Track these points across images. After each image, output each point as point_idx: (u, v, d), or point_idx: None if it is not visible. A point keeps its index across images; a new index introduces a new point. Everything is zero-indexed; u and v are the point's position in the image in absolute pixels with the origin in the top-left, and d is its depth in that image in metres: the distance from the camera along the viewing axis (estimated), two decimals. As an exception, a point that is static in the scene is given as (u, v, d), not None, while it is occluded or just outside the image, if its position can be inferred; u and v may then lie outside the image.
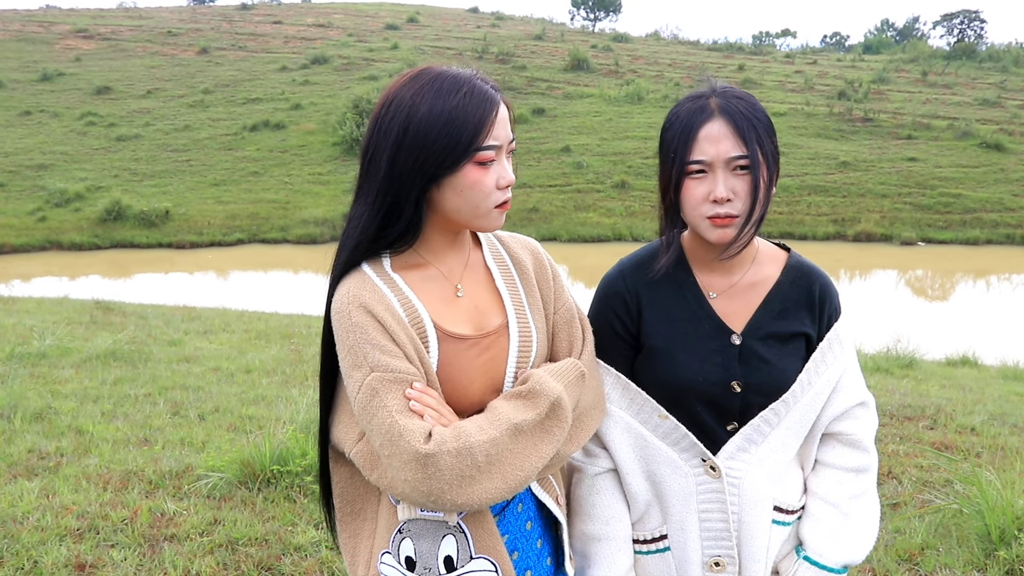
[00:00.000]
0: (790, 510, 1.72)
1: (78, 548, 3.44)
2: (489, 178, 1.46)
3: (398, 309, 1.48)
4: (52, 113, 30.83)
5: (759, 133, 1.57)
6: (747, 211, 1.57)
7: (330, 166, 25.83)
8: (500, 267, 1.64)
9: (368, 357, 1.42)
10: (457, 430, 1.39)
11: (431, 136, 1.42)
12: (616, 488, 1.75)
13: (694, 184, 1.59)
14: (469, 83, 1.45)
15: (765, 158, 1.57)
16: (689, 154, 1.57)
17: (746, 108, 1.58)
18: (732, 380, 1.65)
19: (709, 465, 1.67)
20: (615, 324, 1.74)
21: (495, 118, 1.45)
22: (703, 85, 1.68)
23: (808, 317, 1.70)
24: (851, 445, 1.72)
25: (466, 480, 1.36)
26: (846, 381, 1.71)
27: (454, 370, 1.50)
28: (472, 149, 1.43)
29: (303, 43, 40.29)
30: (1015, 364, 9.15)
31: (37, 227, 21.52)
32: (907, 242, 21.38)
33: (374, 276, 1.51)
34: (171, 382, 6.40)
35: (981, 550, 3.51)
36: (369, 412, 1.41)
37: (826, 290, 1.72)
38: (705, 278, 1.71)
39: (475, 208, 1.48)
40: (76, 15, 47.75)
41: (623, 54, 39.33)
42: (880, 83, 34.77)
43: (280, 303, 13.06)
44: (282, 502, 3.94)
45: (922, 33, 70.06)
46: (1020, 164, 25.45)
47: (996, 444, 5.17)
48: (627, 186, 24.04)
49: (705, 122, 1.57)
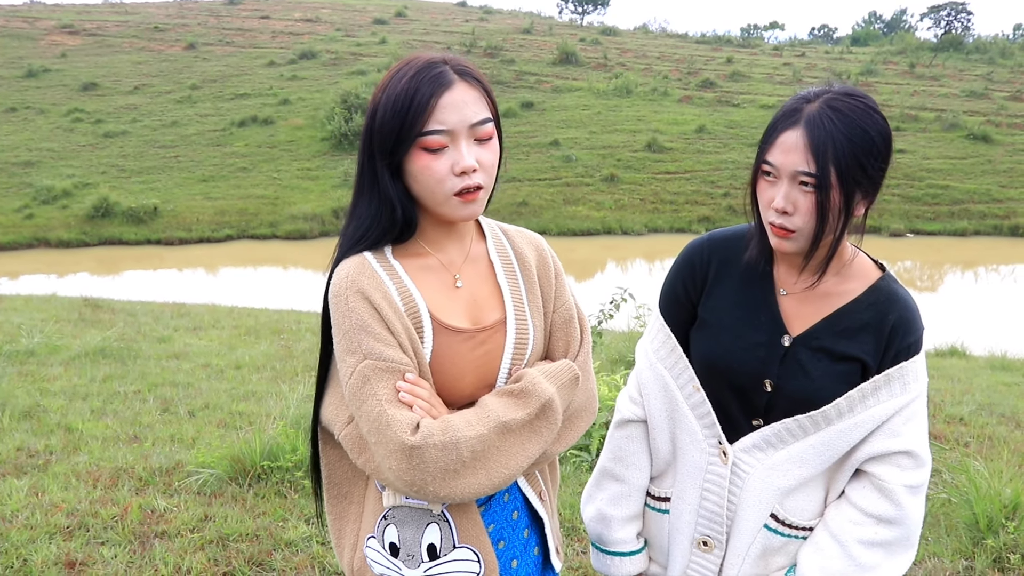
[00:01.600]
0: (796, 525, 1.67)
1: (68, 546, 3.43)
2: (440, 164, 1.42)
3: (395, 297, 1.47)
4: (38, 110, 30.58)
5: (840, 153, 1.46)
6: (811, 229, 1.52)
7: (319, 161, 25.72)
8: (503, 261, 1.63)
9: (362, 344, 1.42)
10: (445, 424, 1.39)
11: (384, 121, 1.43)
12: (647, 439, 1.81)
13: (765, 186, 1.57)
14: (424, 67, 1.43)
15: (842, 181, 1.47)
16: (765, 154, 1.55)
17: (840, 123, 1.47)
18: (766, 378, 1.64)
19: (722, 450, 1.68)
20: (679, 289, 1.77)
21: (438, 102, 1.41)
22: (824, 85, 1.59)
23: (871, 344, 1.60)
24: (880, 492, 1.59)
25: (450, 474, 1.37)
26: (898, 424, 1.58)
27: (446, 362, 1.49)
28: (415, 133, 1.41)
29: (291, 38, 40.09)
30: (1003, 354, 9.21)
31: (24, 224, 21.36)
32: (896, 233, 21.45)
33: (374, 262, 1.50)
34: (161, 379, 6.38)
35: (969, 538, 3.53)
36: (359, 399, 1.42)
37: (903, 323, 1.60)
38: (783, 274, 1.68)
39: (431, 195, 1.45)
40: (61, 10, 47.35)
41: (611, 47, 39.30)
42: (868, 75, 34.85)
43: (270, 299, 13.03)
44: (273, 498, 3.94)
45: (909, 25, 70.33)
46: (1007, 155, 25.57)
47: (984, 434, 5.21)
48: (616, 179, 24.03)
49: (788, 128, 1.51)
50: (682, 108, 30.06)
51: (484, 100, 1.47)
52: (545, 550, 1.71)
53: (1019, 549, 3.38)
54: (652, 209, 22.73)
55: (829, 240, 1.54)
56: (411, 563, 1.53)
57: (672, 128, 27.59)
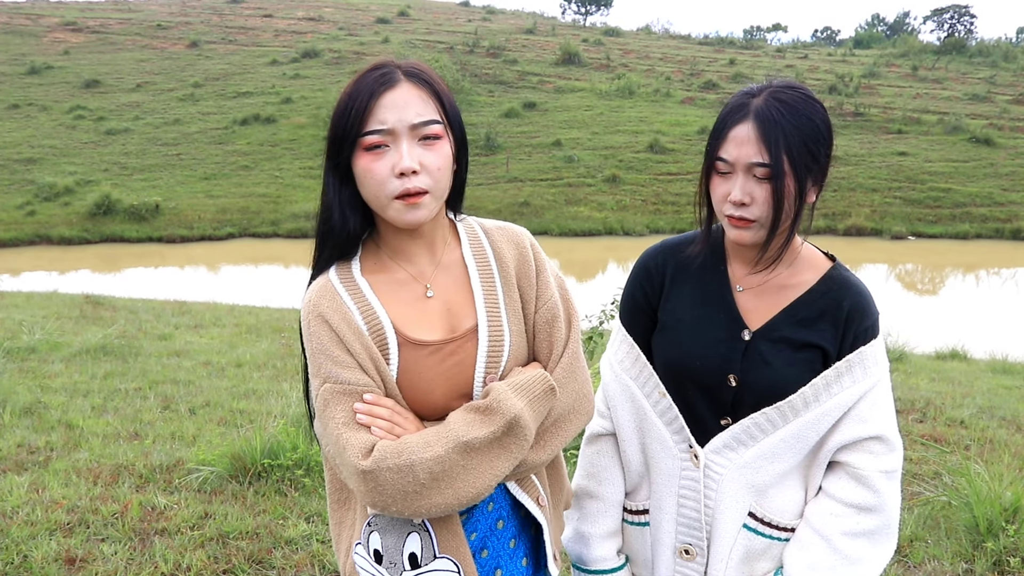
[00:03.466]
0: (777, 525, 1.66)
1: (68, 542, 3.43)
2: (380, 165, 1.40)
3: (357, 318, 1.46)
4: (41, 107, 30.64)
5: (791, 142, 1.51)
6: (768, 218, 1.55)
7: (321, 160, 25.53)
8: (480, 264, 1.57)
9: (322, 368, 1.44)
10: (400, 446, 1.38)
11: (332, 123, 1.45)
12: (618, 453, 1.81)
13: (719, 181, 1.59)
14: (372, 69, 1.43)
15: (795, 168, 1.52)
16: (717, 151, 1.58)
17: (787, 113, 1.52)
18: (730, 373, 1.65)
19: (693, 453, 1.68)
20: (638, 296, 1.78)
21: (378, 101, 1.39)
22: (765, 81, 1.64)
23: (830, 331, 1.63)
24: (856, 480, 1.60)
25: (410, 495, 1.37)
26: (865, 409, 1.60)
27: (414, 377, 1.47)
28: (354, 134, 1.40)
29: (294, 37, 40.15)
30: (1004, 358, 9.21)
31: (26, 221, 21.40)
32: (897, 236, 21.45)
33: (337, 283, 1.50)
34: (161, 376, 6.39)
35: (969, 541, 3.53)
36: (323, 422, 1.45)
37: (858, 309, 1.63)
38: (738, 271, 1.70)
39: (376, 199, 1.44)
40: (65, 8, 47.44)
41: (614, 48, 39.32)
42: (871, 77, 34.86)
43: (271, 297, 13.03)
44: (273, 496, 3.94)
45: (912, 28, 70.32)
46: (1009, 159, 25.56)
47: (984, 437, 5.21)
48: (618, 180, 24.05)
49: (738, 122, 1.55)
50: (684, 109, 30.08)
51: (432, 102, 1.44)
52: (537, 559, 1.68)
53: (1019, 552, 3.38)
54: (654, 210, 22.74)
55: (785, 227, 1.58)
56: (394, 571, 1.52)
57: (674, 129, 27.62)
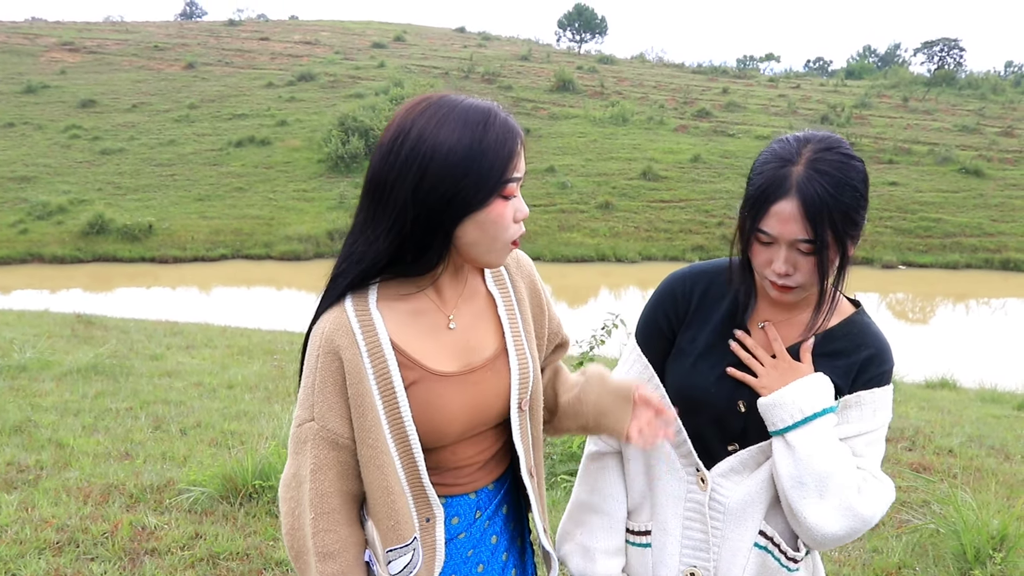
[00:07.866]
0: (786, 553, 1.66)
1: (57, 561, 3.42)
2: (509, 211, 1.43)
3: (364, 354, 1.44)
4: (36, 125, 30.65)
5: (835, 217, 1.51)
6: (812, 284, 1.58)
7: (315, 183, 25.78)
8: (502, 293, 1.60)
9: (316, 405, 1.46)
10: (304, 549, 1.52)
11: (460, 169, 1.36)
12: (622, 470, 1.81)
13: (760, 248, 1.59)
14: (493, 114, 1.40)
15: (837, 240, 1.53)
16: (758, 222, 1.56)
17: (830, 187, 1.50)
18: (739, 399, 1.66)
19: (700, 477, 1.69)
20: (660, 320, 1.78)
21: (520, 149, 1.42)
22: (796, 134, 1.61)
23: (843, 368, 1.64)
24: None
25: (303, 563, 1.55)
26: (861, 446, 1.63)
27: (432, 409, 1.47)
28: (502, 182, 1.39)
29: (290, 60, 40.32)
30: (993, 387, 9.26)
31: (18, 239, 21.36)
32: (888, 265, 21.56)
33: (352, 316, 1.45)
34: (153, 396, 6.37)
35: (957, 569, 3.55)
36: (295, 449, 1.51)
37: (874, 360, 1.65)
38: (765, 310, 1.71)
39: (493, 242, 1.44)
40: (62, 28, 47.61)
41: (608, 75, 39.59)
42: (862, 108, 35.16)
43: (263, 319, 13.02)
44: (264, 517, 3.94)
45: (903, 60, 71.10)
46: (999, 190, 25.77)
47: (973, 465, 5.23)
48: (611, 207, 24.14)
49: (780, 198, 1.52)
50: (678, 137, 30.26)
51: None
52: (523, 568, 1.73)
53: (1006, 580, 3.40)
54: (646, 237, 22.82)
55: (828, 289, 1.60)
56: None
57: (667, 157, 27.76)
